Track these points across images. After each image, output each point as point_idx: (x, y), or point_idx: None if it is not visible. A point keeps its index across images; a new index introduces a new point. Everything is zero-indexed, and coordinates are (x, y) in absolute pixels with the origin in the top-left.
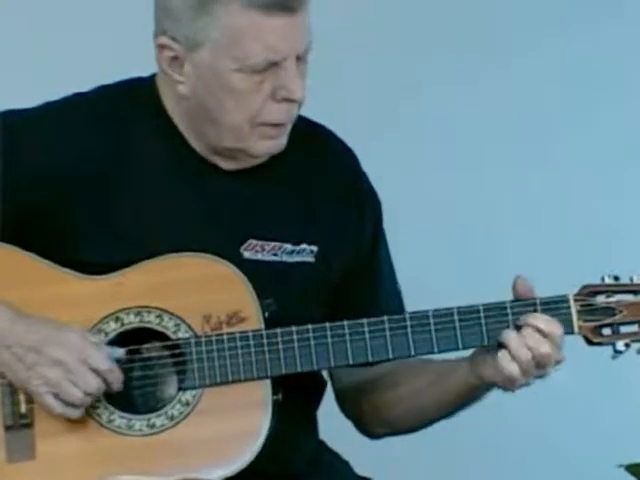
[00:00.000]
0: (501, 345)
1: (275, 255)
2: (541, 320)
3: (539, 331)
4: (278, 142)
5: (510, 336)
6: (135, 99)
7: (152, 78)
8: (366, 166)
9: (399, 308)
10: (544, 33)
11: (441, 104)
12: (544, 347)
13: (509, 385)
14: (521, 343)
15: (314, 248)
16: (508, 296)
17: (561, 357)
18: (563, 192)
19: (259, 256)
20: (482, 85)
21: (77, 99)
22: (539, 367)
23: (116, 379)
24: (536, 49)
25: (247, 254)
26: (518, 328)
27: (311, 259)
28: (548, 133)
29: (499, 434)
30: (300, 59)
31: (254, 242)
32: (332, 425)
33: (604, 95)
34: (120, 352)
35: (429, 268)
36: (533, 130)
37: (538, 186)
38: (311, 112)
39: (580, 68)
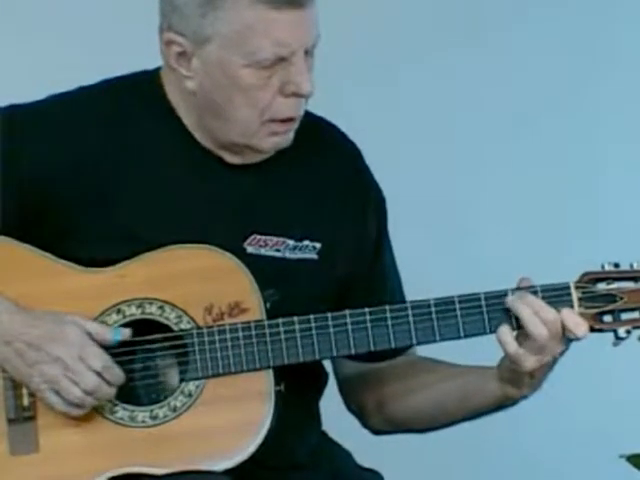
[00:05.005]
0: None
1: (278, 251)
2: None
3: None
4: (286, 137)
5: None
6: (139, 93)
7: (156, 72)
8: (367, 160)
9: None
10: (544, 28)
11: (439, 99)
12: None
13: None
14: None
15: (317, 245)
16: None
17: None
18: (560, 185)
19: (262, 251)
20: (478, 79)
21: (81, 93)
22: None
23: (114, 377)
24: (533, 42)
25: (250, 249)
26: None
27: (314, 256)
28: (545, 125)
29: (501, 424)
30: (308, 53)
31: (257, 237)
32: (335, 416)
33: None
34: (125, 332)
35: (428, 261)
36: (529, 123)
37: (536, 180)
38: (313, 106)
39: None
